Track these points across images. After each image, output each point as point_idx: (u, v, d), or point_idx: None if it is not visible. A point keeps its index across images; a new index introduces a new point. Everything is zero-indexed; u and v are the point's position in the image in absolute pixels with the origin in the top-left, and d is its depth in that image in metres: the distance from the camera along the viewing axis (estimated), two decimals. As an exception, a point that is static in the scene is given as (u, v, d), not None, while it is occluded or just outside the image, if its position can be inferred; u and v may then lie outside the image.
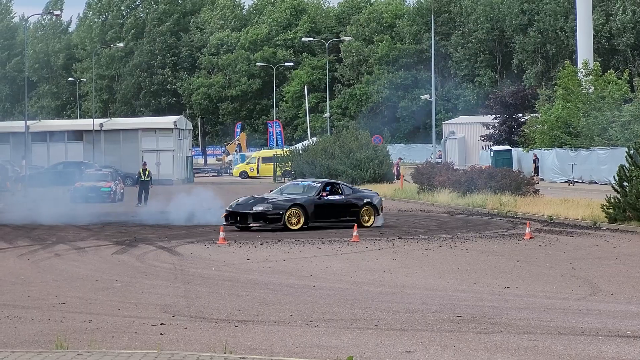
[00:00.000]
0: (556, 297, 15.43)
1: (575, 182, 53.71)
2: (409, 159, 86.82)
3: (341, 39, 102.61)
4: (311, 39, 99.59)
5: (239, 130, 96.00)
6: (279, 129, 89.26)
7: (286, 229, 27.66)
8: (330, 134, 72.36)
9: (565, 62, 66.55)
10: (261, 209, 28.04)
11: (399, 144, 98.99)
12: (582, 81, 60.54)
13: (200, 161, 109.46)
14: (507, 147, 65.45)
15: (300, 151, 61.41)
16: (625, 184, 27.89)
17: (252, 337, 11.84)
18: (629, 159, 27.85)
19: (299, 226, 27.93)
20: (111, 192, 44.54)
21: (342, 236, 25.85)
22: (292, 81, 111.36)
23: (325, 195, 28.92)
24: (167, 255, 21.97)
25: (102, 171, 49.39)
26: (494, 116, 72.47)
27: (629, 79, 62.27)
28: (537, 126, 62.92)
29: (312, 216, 28.34)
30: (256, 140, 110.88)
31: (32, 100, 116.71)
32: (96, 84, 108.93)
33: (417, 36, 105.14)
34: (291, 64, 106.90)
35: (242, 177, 76.29)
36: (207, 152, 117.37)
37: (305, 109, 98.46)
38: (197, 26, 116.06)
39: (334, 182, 31.18)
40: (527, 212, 32.94)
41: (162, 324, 12.75)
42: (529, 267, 19.46)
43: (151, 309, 14.12)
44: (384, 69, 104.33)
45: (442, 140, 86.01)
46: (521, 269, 19.06)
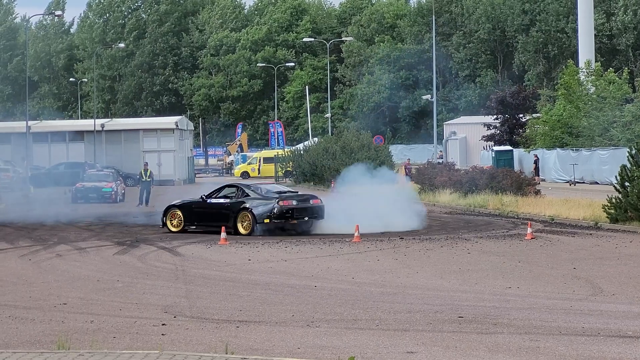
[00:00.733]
0: (558, 297, 15.42)
1: (576, 182, 53.64)
2: (410, 159, 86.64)
3: (342, 39, 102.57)
4: (312, 40, 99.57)
5: (240, 130, 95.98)
6: (280, 130, 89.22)
7: (169, 231, 27.82)
8: (331, 134, 72.31)
9: (568, 61, 66.36)
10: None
11: (400, 144, 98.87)
12: (584, 81, 60.41)
13: (201, 161, 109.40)
14: (508, 147, 65.32)
15: (301, 151, 61.36)
16: (626, 184, 27.87)
17: (253, 337, 11.84)
18: (631, 159, 27.84)
19: (179, 228, 27.95)
20: (112, 192, 44.53)
21: (343, 236, 25.85)
22: (293, 81, 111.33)
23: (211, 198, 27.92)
24: (169, 255, 21.97)
25: (103, 171, 49.40)
26: (495, 116, 72.36)
27: (628, 78, 62.14)
28: (539, 126, 62.82)
29: (186, 219, 27.98)
30: (257, 140, 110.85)
31: (34, 100, 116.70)
32: (98, 85, 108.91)
33: (418, 36, 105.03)
34: (292, 65, 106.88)
35: (243, 178, 76.29)
36: (209, 153, 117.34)
37: (306, 109, 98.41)
38: (197, 27, 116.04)
39: (239, 184, 29.32)
40: (528, 212, 32.91)
41: (163, 325, 12.76)
42: (530, 267, 19.45)
43: (152, 310, 14.12)
44: (385, 70, 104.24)
45: (443, 140, 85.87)
46: (522, 270, 19.05)
